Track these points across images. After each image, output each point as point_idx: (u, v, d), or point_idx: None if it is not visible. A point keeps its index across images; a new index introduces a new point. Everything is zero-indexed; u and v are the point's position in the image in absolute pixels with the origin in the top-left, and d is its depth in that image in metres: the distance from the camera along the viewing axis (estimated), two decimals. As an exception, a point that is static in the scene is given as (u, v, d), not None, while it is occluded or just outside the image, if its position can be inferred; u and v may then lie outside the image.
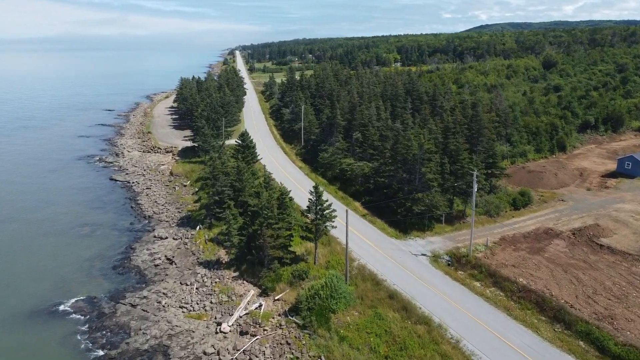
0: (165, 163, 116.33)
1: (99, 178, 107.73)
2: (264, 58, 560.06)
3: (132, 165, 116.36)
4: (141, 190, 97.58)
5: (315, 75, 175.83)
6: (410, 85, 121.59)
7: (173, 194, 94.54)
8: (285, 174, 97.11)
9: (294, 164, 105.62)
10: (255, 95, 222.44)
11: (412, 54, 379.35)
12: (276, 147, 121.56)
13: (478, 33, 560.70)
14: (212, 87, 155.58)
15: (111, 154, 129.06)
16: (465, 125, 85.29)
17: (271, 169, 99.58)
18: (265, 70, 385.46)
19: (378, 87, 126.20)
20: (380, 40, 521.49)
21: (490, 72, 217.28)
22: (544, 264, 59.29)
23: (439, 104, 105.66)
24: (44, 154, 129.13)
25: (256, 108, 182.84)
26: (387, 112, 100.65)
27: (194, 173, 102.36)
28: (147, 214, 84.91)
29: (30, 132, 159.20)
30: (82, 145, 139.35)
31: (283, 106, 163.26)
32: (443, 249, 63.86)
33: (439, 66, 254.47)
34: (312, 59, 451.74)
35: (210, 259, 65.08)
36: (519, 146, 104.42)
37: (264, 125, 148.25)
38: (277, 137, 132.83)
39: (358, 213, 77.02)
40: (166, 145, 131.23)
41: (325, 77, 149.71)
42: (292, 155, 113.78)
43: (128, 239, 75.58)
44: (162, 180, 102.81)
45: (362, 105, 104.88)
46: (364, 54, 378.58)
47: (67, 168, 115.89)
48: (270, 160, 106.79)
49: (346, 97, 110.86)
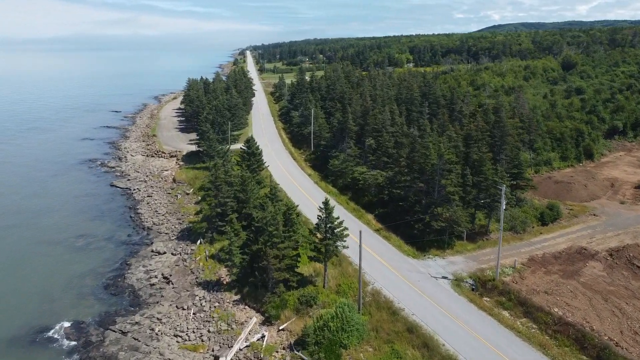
0: (169, 168, 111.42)
1: (99, 184, 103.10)
2: (275, 58, 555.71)
3: (134, 170, 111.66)
4: (142, 198, 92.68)
5: (326, 77, 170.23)
6: (426, 87, 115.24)
7: (175, 202, 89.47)
8: (294, 182, 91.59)
9: (303, 171, 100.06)
10: (264, 97, 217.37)
11: (424, 55, 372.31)
12: (284, 152, 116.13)
13: (492, 33, 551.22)
14: (220, 88, 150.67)
15: (114, 158, 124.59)
16: (487, 132, 79.04)
17: (278, 176, 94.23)
18: (275, 71, 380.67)
19: (392, 90, 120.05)
20: (392, 41, 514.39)
21: (507, 73, 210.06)
22: (581, 290, 53.04)
23: (457, 108, 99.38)
24: (46, 157, 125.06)
25: (265, 110, 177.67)
26: (403, 117, 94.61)
27: (197, 180, 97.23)
28: (146, 225, 79.90)
29: (34, 134, 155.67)
30: (85, 149, 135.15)
31: (292, 108, 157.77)
32: (466, 271, 57.83)
33: (453, 67, 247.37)
34: (322, 60, 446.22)
35: (210, 278, 59.70)
36: (543, 154, 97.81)
37: (273, 129, 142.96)
38: (285, 141, 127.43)
39: (371, 227, 71.18)
40: (170, 149, 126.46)
41: (336, 79, 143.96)
42: (300, 161, 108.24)
43: (124, 253, 70.56)
44: (164, 188, 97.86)
45: (375, 110, 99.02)
46: (376, 54, 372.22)
47: (68, 173, 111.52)
48: (278, 167, 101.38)
49: (358, 101, 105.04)
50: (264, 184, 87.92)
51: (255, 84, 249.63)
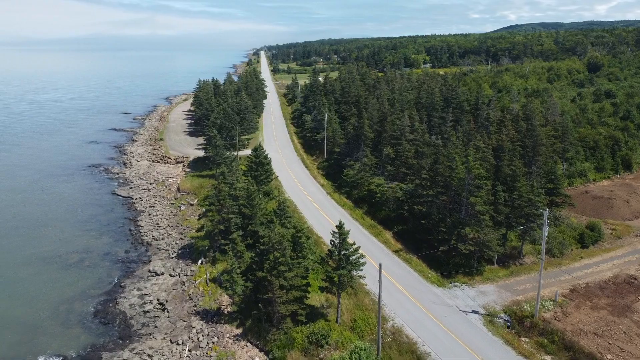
0: (174, 175, 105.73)
1: (100, 192, 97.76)
2: (289, 59, 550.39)
3: (138, 177, 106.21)
4: (143, 209, 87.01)
5: (340, 79, 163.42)
6: (448, 91, 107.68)
7: (177, 214, 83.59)
8: (305, 193, 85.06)
9: (315, 180, 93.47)
10: (277, 99, 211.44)
11: (441, 55, 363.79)
12: (296, 159, 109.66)
13: (510, 33, 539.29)
14: (230, 90, 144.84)
15: (118, 163, 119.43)
16: (518, 142, 71.61)
17: (289, 186, 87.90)
18: (289, 72, 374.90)
19: (411, 94, 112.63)
20: (407, 41, 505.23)
21: (530, 75, 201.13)
22: (636, 331, 45.62)
23: (483, 114, 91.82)
24: (49, 162, 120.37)
25: (277, 113, 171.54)
26: (424, 125, 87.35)
27: (202, 189, 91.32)
28: (145, 240, 74.04)
29: (41, 137, 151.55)
30: (90, 153, 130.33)
31: (305, 112, 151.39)
32: (499, 304, 50.71)
33: (472, 68, 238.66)
34: (337, 60, 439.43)
35: (210, 307, 53.45)
36: (577, 164, 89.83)
37: (284, 133, 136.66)
38: (297, 147, 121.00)
39: (390, 247, 64.30)
40: (177, 154, 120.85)
41: (351, 81, 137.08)
42: (313, 169, 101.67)
43: (119, 272, 64.71)
44: (168, 197, 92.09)
45: (393, 115, 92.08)
46: (391, 55, 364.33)
47: (69, 179, 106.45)
48: (289, 176, 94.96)
49: (375, 105, 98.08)
50: (273, 195, 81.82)
51: (268, 86, 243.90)
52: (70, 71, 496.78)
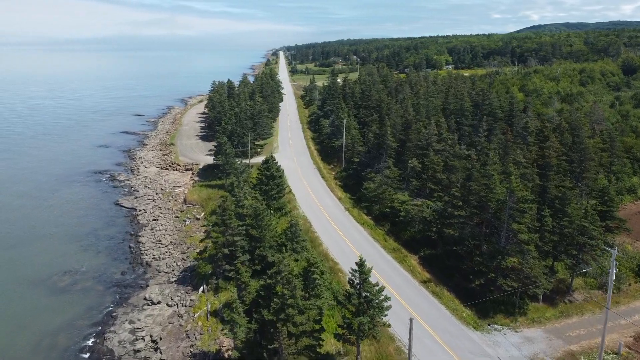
0: (182, 184, 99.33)
1: (103, 202, 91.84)
2: (307, 59, 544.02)
3: (144, 185, 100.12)
4: (146, 222, 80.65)
5: (360, 81, 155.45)
6: (479, 96, 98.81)
7: (182, 230, 76.95)
8: (320, 208, 77.54)
9: (332, 193, 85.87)
10: (294, 101, 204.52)
11: (464, 56, 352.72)
12: (312, 167, 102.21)
13: (535, 33, 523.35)
14: (244, 93, 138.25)
15: (126, 170, 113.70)
16: (563, 157, 62.97)
17: (303, 200, 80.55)
18: (307, 72, 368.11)
19: (437, 98, 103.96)
20: (428, 41, 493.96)
21: (561, 77, 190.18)
22: None
23: (519, 122, 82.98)
24: (54, 168, 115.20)
25: (293, 116, 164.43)
26: (455, 135, 78.85)
27: (210, 201, 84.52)
28: (145, 260, 67.48)
29: (50, 139, 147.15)
30: (98, 158, 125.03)
31: (322, 116, 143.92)
32: (550, 355, 42.45)
33: (498, 70, 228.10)
34: (356, 61, 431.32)
35: (209, 349, 46.38)
36: (625, 179, 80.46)
37: (300, 139, 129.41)
38: (313, 154, 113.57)
39: (416, 276, 56.36)
40: (187, 161, 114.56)
41: (371, 84, 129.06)
42: (330, 179, 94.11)
43: (112, 298, 58.17)
44: (173, 210, 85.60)
45: (418, 123, 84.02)
46: (413, 55, 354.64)
47: (72, 187, 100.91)
48: (303, 187, 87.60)
49: (398, 111, 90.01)
50: (286, 210, 74.59)
51: (285, 87, 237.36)
52: (89, 71, 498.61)
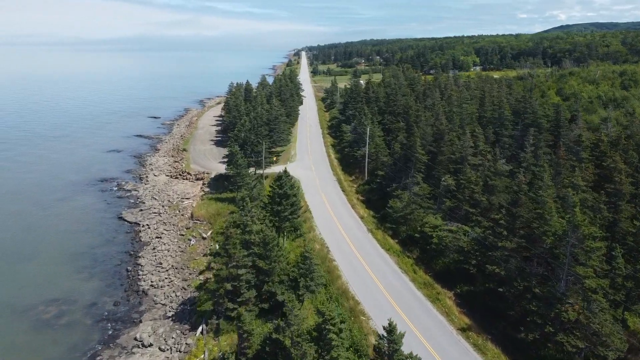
0: (191, 196, 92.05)
1: (106, 214, 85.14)
2: (329, 59, 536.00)
3: (151, 196, 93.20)
4: (149, 240, 73.44)
5: (385, 83, 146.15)
6: (520, 103, 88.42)
7: (186, 251, 69.38)
8: (340, 229, 68.90)
9: (353, 209, 77.14)
10: (314, 104, 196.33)
11: (492, 57, 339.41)
12: (331, 179, 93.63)
13: (566, 33, 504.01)
14: (261, 96, 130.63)
15: (134, 178, 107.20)
16: (629, 178, 53.01)
17: (321, 218, 72.12)
18: (329, 73, 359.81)
19: (471, 105, 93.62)
20: (454, 42, 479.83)
21: (600, 80, 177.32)
22: None
23: (568, 135, 72.84)
24: (59, 175, 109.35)
25: (313, 120, 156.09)
26: (496, 150, 69.01)
27: (219, 218, 76.93)
28: (142, 287, 60.06)
29: (61, 143, 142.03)
30: (106, 164, 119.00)
31: (344, 121, 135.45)
32: None
33: (530, 72, 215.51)
34: (379, 61, 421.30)
35: (201, 414, 38.39)
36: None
37: (320, 146, 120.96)
38: (333, 163, 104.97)
39: (453, 321, 47.31)
40: (198, 169, 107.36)
41: (397, 87, 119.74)
42: (351, 194, 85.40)
43: (100, 336, 50.78)
44: (179, 226, 78.19)
45: (451, 133, 74.75)
46: (438, 56, 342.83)
47: (77, 196, 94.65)
48: (321, 203, 79.15)
49: (429, 119, 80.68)
50: (301, 230, 66.43)
51: (306, 89, 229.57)
52: (113, 71, 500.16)
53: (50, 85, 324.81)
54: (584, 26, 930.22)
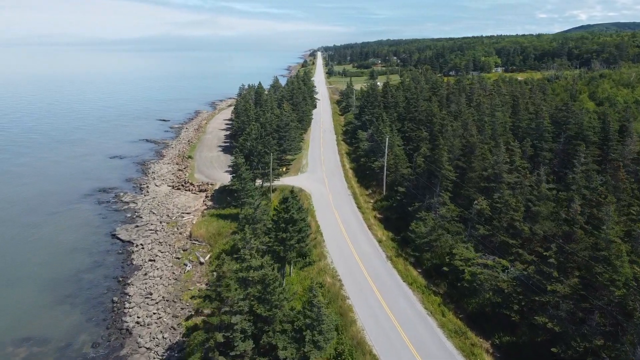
0: (192, 210, 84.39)
1: (98, 231, 77.85)
2: (345, 60, 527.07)
3: (150, 210, 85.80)
4: (141, 264, 65.82)
5: (404, 87, 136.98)
6: (561, 112, 78.27)
7: (180, 279, 61.52)
8: (355, 256, 60.30)
9: (370, 231, 68.40)
10: (329, 107, 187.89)
11: (514, 58, 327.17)
12: (346, 193, 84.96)
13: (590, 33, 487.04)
14: (271, 100, 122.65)
15: (134, 188, 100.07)
16: None
17: (333, 242, 63.64)
18: (345, 74, 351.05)
19: (504, 112, 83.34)
20: (473, 42, 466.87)
21: (635, 83, 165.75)
22: None
23: (627, 151, 62.93)
24: (57, 184, 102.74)
25: (327, 125, 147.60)
26: (541, 169, 59.37)
27: (220, 238, 69.06)
28: (126, 324, 52.31)
29: (60, 149, 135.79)
30: (108, 171, 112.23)
31: (360, 126, 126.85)
32: None
33: (557, 74, 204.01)
34: (396, 62, 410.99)
35: None
36: None
37: (334, 154, 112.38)
38: (348, 175, 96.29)
39: (493, 386, 38.46)
40: (202, 179, 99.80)
41: (418, 92, 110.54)
42: (367, 211, 76.65)
43: (70, 390, 43.12)
44: (176, 247, 70.42)
45: (483, 147, 65.63)
46: (458, 57, 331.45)
47: (71, 209, 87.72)
48: (335, 223, 70.61)
49: (457, 130, 71.48)
50: (310, 257, 58.21)
51: (320, 91, 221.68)
52: (128, 72, 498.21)
53: (64, 86, 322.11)
54: (606, 26, 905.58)
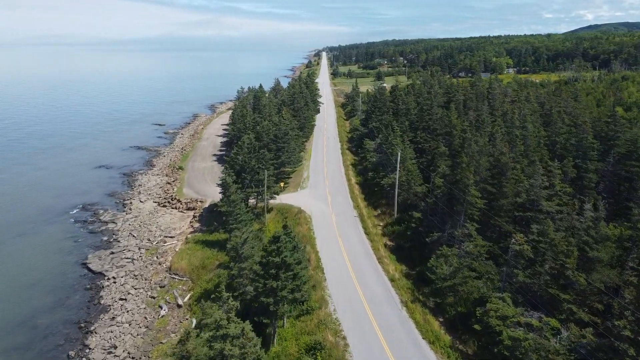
0: (177, 234, 74.25)
1: (67, 260, 67.79)
2: (350, 60, 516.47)
3: (129, 232, 75.81)
4: (109, 305, 55.77)
5: (415, 91, 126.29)
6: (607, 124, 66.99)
7: (152, 326, 51.32)
8: (363, 302, 49.76)
9: (380, 265, 57.83)
10: (333, 111, 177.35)
11: (525, 58, 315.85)
12: (351, 214, 74.40)
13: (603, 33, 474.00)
14: (270, 106, 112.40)
15: (117, 204, 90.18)
16: None
17: (337, 283, 53.19)
18: (350, 75, 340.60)
19: (537, 127, 71.35)
20: (481, 42, 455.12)
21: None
22: None
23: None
24: (29, 199, 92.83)
25: (332, 132, 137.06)
26: (599, 203, 48.23)
27: (203, 273, 58.84)
28: (79, 392, 42.26)
29: (44, 157, 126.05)
30: (90, 184, 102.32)
31: (366, 134, 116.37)
32: None
33: (576, 75, 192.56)
34: (402, 62, 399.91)
35: None
36: None
37: (338, 166, 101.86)
38: (354, 191, 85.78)
39: None
40: (192, 195, 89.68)
41: (432, 97, 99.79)
42: (377, 238, 66.06)
43: None
44: (152, 282, 60.26)
45: (516, 165, 55.00)
46: (467, 57, 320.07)
47: (41, 231, 77.78)
48: (338, 254, 60.14)
49: (483, 148, 60.63)
50: (307, 304, 47.98)
51: (325, 93, 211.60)
52: (130, 72, 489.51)
53: (61, 88, 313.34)
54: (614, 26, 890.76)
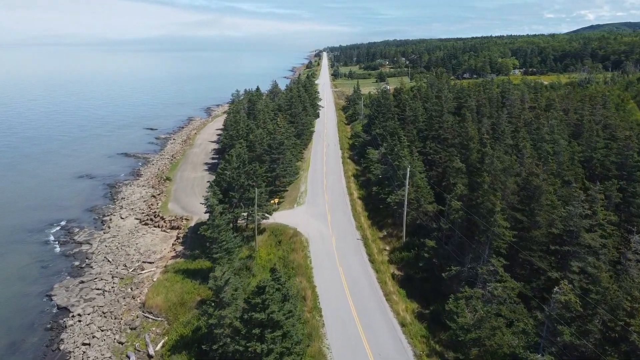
0: (155, 259, 65.77)
1: (30, 291, 59.39)
2: (351, 61, 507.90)
3: (105, 256, 67.40)
4: (68, 352, 47.35)
5: (421, 94, 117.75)
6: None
7: (115, 384, 42.89)
8: (367, 350, 41.39)
9: (388, 304, 49.30)
10: (334, 115, 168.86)
11: (531, 59, 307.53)
12: (354, 236, 65.89)
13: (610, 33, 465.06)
14: (265, 112, 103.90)
15: (96, 221, 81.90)
16: None
17: (336, 328, 44.76)
18: (351, 76, 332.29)
19: (570, 142, 61.74)
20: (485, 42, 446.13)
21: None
22: None
23: None
24: (2, 216, 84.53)
25: (332, 139, 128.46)
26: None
27: (182, 312, 50.36)
28: None
29: (25, 165, 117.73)
30: (69, 197, 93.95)
31: (369, 142, 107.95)
32: None
33: (589, 77, 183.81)
34: (404, 63, 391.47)
35: None
36: None
37: (339, 177, 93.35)
38: (357, 207, 77.19)
39: None
40: (177, 212, 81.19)
41: (442, 103, 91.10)
42: (383, 267, 57.55)
43: None
44: (122, 322, 51.73)
45: (550, 189, 46.46)
46: (472, 58, 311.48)
47: (3, 254, 69.43)
48: (338, 288, 51.66)
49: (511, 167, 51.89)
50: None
51: (325, 96, 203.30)
52: (128, 73, 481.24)
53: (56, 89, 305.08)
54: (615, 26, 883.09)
